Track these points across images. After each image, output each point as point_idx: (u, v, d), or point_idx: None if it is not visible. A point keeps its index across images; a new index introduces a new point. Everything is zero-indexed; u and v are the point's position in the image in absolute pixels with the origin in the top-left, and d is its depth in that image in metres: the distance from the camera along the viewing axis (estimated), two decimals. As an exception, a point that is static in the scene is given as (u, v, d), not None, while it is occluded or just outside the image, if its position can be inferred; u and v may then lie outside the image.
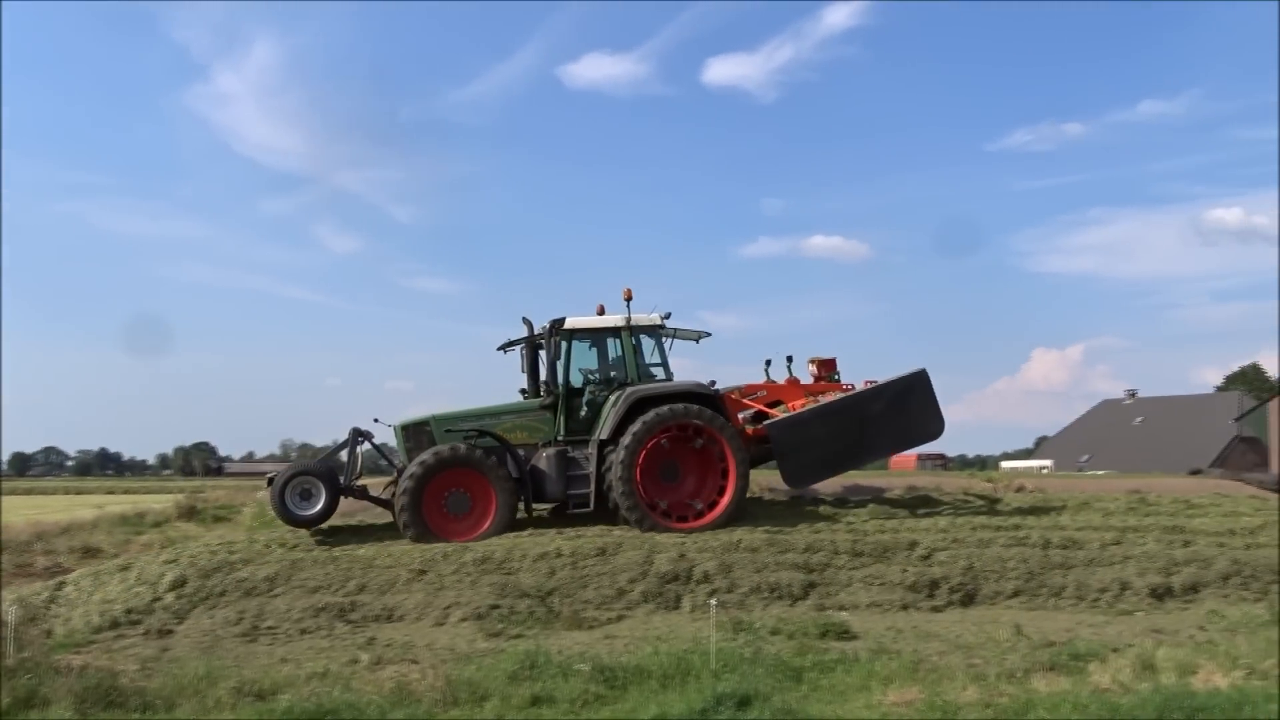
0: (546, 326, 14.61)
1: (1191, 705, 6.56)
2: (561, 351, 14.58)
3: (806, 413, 15.01)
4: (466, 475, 13.74)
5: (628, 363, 14.72)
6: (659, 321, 14.95)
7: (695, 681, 7.51)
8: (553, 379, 14.56)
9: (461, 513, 13.70)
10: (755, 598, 11.08)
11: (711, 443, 14.24)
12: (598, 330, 14.90)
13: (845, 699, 7.25)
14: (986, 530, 13.57)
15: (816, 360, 16.41)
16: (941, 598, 11.27)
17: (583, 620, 10.29)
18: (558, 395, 14.48)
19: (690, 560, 11.58)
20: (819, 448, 14.77)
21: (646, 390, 14.28)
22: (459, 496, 13.71)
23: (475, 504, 13.76)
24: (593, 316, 14.85)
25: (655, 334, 15.02)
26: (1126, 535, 13.34)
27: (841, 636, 9.44)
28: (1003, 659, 8.11)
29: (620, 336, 14.78)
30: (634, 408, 14.01)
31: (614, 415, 14.03)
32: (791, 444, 14.67)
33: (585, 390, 14.78)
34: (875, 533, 13.21)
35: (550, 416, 14.55)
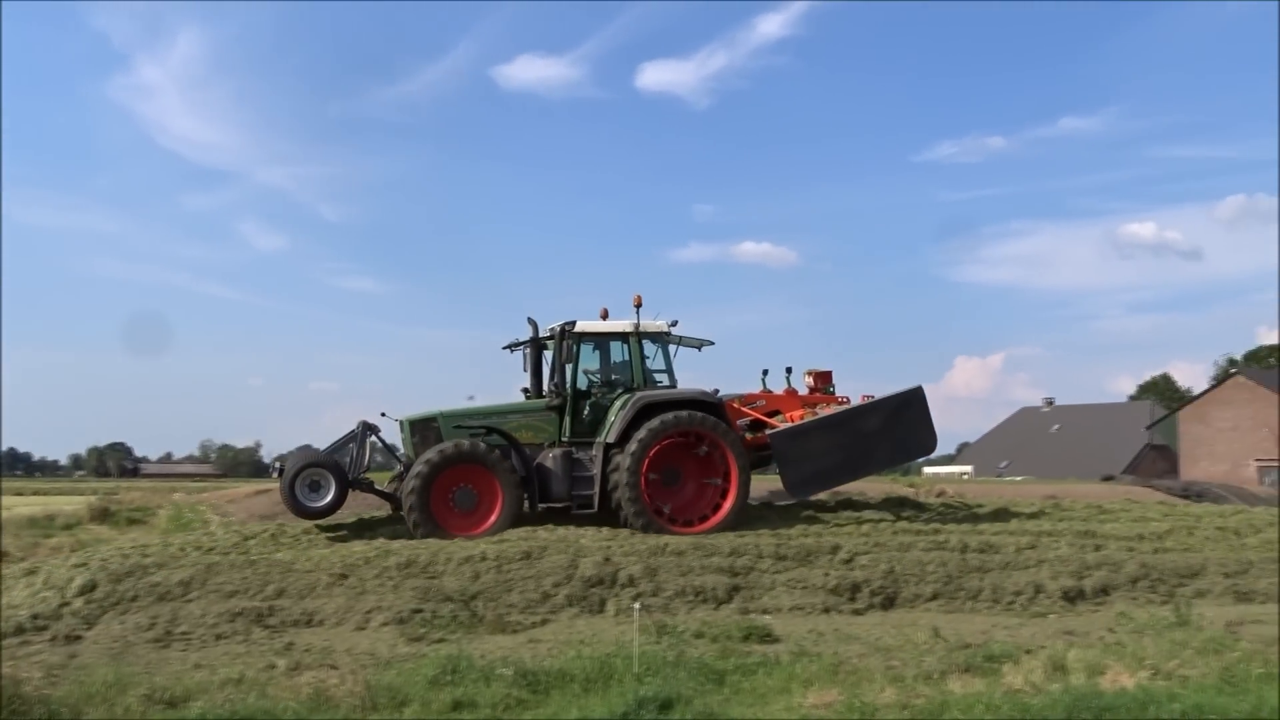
0: (556, 329, 14.78)
1: (1099, 705, 6.74)
2: (571, 354, 14.77)
3: (808, 424, 15.45)
4: (474, 471, 13.94)
5: (634, 368, 15.08)
6: (666, 328, 15.33)
7: (618, 685, 7.50)
8: (561, 381, 14.78)
9: (468, 508, 13.92)
10: (680, 601, 11.13)
11: (715, 449, 14.66)
12: (607, 334, 15.20)
13: (766, 701, 7.30)
14: (907, 534, 13.85)
15: (813, 372, 16.97)
16: (863, 601, 11.45)
17: (506, 624, 10.22)
18: (566, 397, 14.70)
19: (616, 564, 11.58)
20: (819, 459, 15.17)
21: (654, 396, 14.65)
22: (466, 492, 13.93)
23: (481, 500, 13.97)
24: (604, 320, 15.12)
25: (661, 340, 15.42)
26: (1041, 540, 13.70)
27: (764, 639, 9.51)
28: (920, 661, 8.24)
29: (628, 341, 15.12)
30: (641, 412, 14.31)
31: (621, 419, 14.30)
32: (793, 454, 15.09)
33: (591, 393, 15.03)
34: (799, 536, 13.38)
35: (555, 417, 14.77)
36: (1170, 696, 6.99)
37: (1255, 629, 9.83)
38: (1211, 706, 6.80)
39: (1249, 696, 7.12)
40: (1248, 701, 6.98)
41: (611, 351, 15.41)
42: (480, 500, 14.00)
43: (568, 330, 14.68)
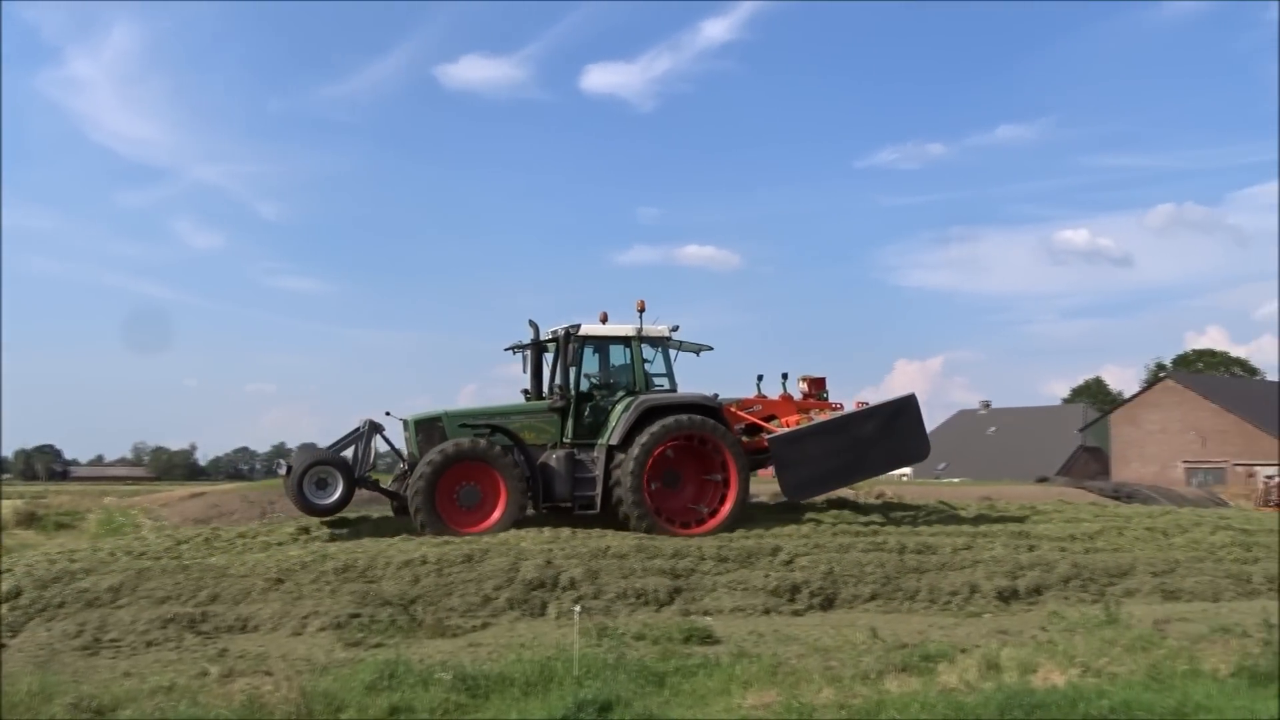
0: (560, 331, 15.05)
1: (1030, 702, 6.87)
2: (576, 357, 15.08)
3: (806, 429, 15.89)
4: (479, 469, 14.17)
5: (636, 371, 15.36)
6: (667, 333, 15.62)
7: (558, 688, 7.48)
8: (565, 383, 14.98)
9: (472, 505, 14.17)
10: (621, 603, 11.12)
11: (715, 452, 15.03)
12: (610, 338, 15.50)
13: (706, 703, 7.33)
14: (847, 535, 14.01)
15: (807, 378, 17.43)
16: (802, 602, 11.54)
17: (446, 628, 10.13)
18: (570, 399, 14.91)
19: (557, 567, 11.54)
20: (816, 463, 15.64)
21: (657, 400, 15.00)
22: (470, 490, 14.16)
23: (485, 498, 14.22)
24: (608, 325, 15.40)
25: (663, 345, 15.70)
26: (977, 540, 13.95)
27: (705, 641, 9.53)
28: (858, 661, 8.32)
29: (630, 345, 15.42)
30: (644, 416, 14.59)
31: (624, 422, 14.59)
32: (791, 458, 15.50)
33: (593, 395, 15.29)
34: (740, 538, 13.46)
35: (557, 419, 15.04)
36: (1099, 693, 7.14)
37: (1181, 627, 10.08)
38: (1138, 703, 6.96)
39: (1174, 693, 7.30)
40: (1173, 698, 7.15)
41: (613, 355, 15.70)
42: (484, 498, 14.22)
43: (572, 333, 14.94)
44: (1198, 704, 7.01)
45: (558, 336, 15.25)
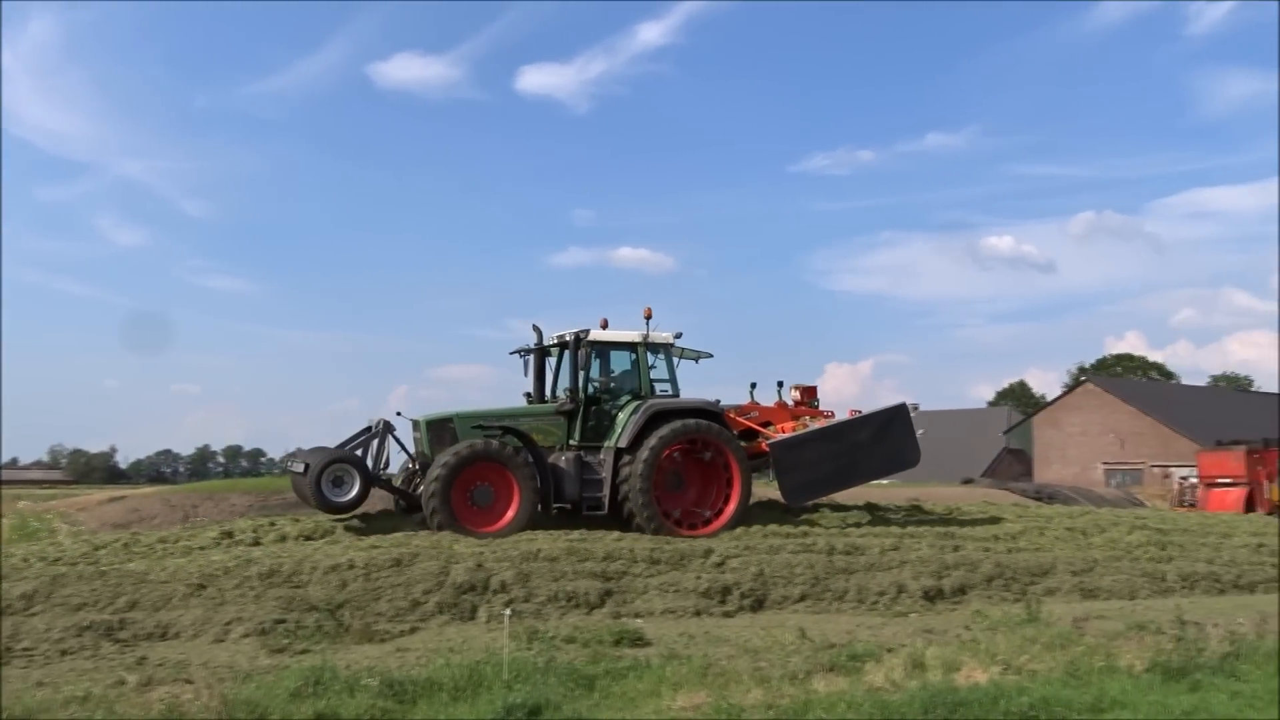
0: (571, 337, 15.45)
1: (954, 700, 7.00)
2: (587, 361, 15.42)
3: (804, 435, 16.43)
4: (493, 470, 14.38)
5: (642, 376, 15.80)
6: (671, 340, 16.10)
7: (487, 693, 7.41)
8: (575, 387, 15.32)
9: (485, 505, 14.37)
10: (552, 606, 11.08)
11: (719, 456, 15.53)
12: (618, 344, 15.90)
13: (636, 705, 7.32)
14: (777, 537, 14.15)
15: (799, 386, 17.96)
16: (733, 603, 11.62)
17: (374, 633, 9.99)
18: (580, 402, 15.24)
19: (488, 570, 11.46)
20: (814, 468, 16.14)
21: (664, 404, 15.43)
22: (484, 490, 14.37)
23: (498, 498, 14.43)
24: (616, 331, 15.82)
25: (666, 351, 16.12)
26: (904, 541, 14.17)
27: (635, 643, 9.53)
28: (787, 661, 8.39)
29: (636, 351, 15.86)
30: (651, 419, 15.00)
31: (633, 425, 14.99)
32: (791, 463, 15.95)
33: (600, 399, 15.61)
34: (675, 541, 13.51)
35: (563, 421, 15.37)
36: (1019, 690, 7.30)
37: (1099, 624, 10.34)
38: (1057, 699, 7.13)
39: (1091, 689, 7.51)
40: (1090, 694, 7.35)
41: (620, 360, 16.11)
42: (497, 498, 14.45)
43: (582, 338, 15.30)
44: (1113, 699, 7.22)
45: (565, 341, 15.68)
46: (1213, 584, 13.95)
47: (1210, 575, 14.14)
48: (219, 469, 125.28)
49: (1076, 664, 8.20)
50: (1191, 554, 15.17)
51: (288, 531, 13.85)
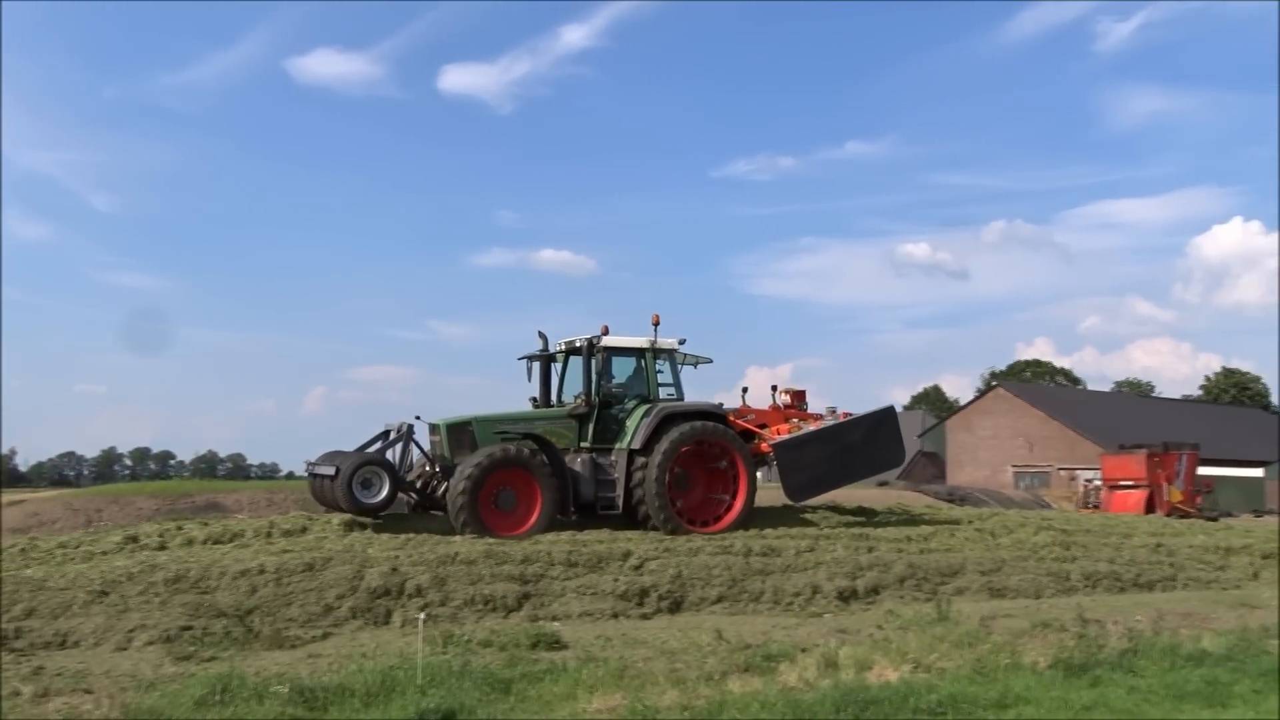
0: (583, 343, 15.94)
1: (865, 699, 7.12)
2: (602, 366, 15.97)
3: (804, 436, 17.21)
4: (517, 474, 14.72)
5: (650, 381, 16.37)
6: (676, 346, 16.70)
7: (400, 698, 7.31)
8: (589, 390, 15.74)
9: (508, 509, 14.68)
10: (469, 610, 10.98)
11: (725, 456, 16.19)
12: (628, 349, 16.42)
13: (551, 708, 7.29)
14: (696, 539, 14.21)
15: (789, 390, 18.68)
16: (651, 605, 11.65)
17: (285, 639, 9.77)
18: (594, 406, 15.66)
19: (403, 574, 11.30)
20: (813, 468, 16.93)
21: (674, 407, 15.96)
22: (507, 494, 14.69)
23: (521, 501, 14.76)
24: (624, 337, 16.34)
25: (670, 356, 16.72)
26: (820, 542, 14.36)
27: (552, 646, 9.49)
28: (703, 662, 8.45)
29: (644, 357, 16.43)
30: (663, 422, 15.49)
31: (645, 427, 15.47)
32: (793, 463, 16.66)
33: (611, 402, 16.05)
34: (593, 543, 13.48)
35: (574, 424, 15.78)
36: (929, 688, 7.46)
37: (1006, 622, 10.63)
38: (964, 696, 7.31)
39: (997, 685, 7.71)
40: (996, 690, 7.54)
41: (626, 365, 16.59)
42: (519, 502, 14.79)
43: (596, 344, 15.82)
44: (1018, 695, 7.41)
45: (575, 348, 16.24)
46: (1114, 583, 14.41)
47: (1111, 574, 14.61)
48: (125, 472, 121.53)
49: (983, 661, 8.41)
50: (1094, 554, 15.65)
51: (195, 536, 13.51)
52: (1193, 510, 33.47)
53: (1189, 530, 20.29)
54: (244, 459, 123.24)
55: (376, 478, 14.32)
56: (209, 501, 20.31)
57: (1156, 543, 17.16)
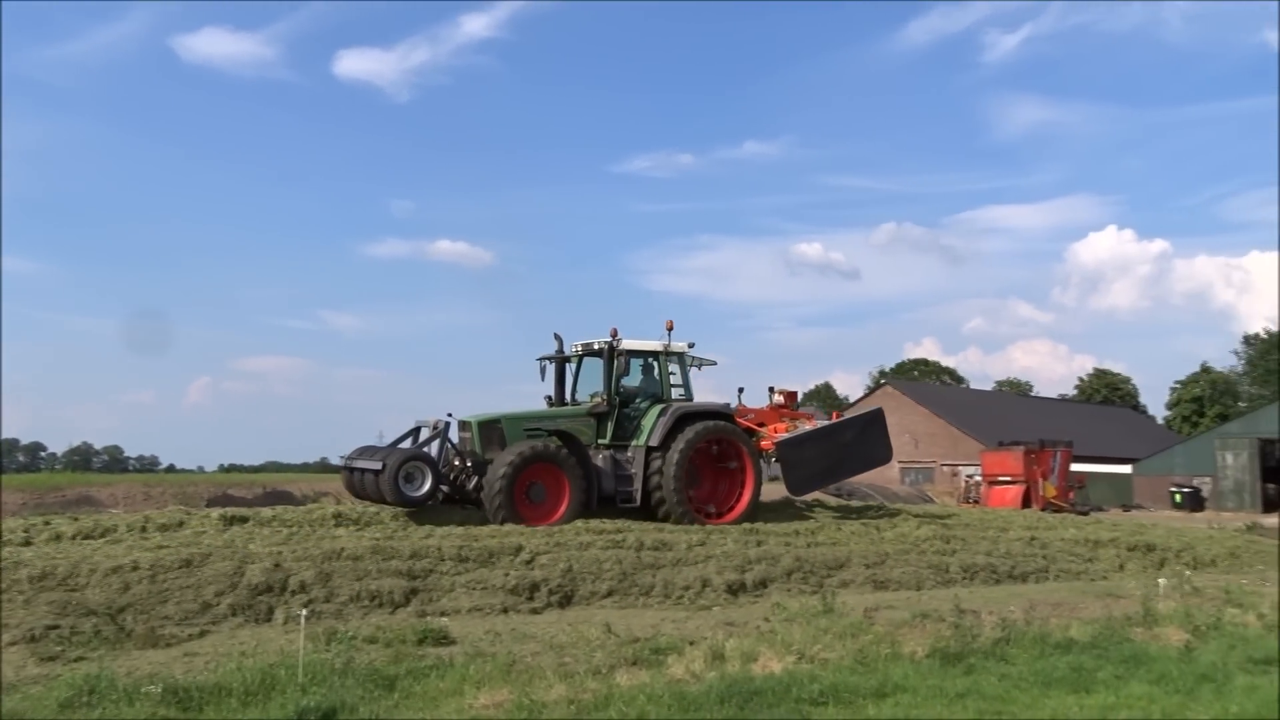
0: (603, 346, 16.75)
1: (749, 690, 7.23)
2: (624, 368, 16.79)
3: (804, 434, 18.43)
4: (546, 469, 15.47)
5: (663, 382, 17.35)
6: (687, 349, 17.68)
7: (280, 696, 7.12)
8: (610, 390, 16.56)
9: (539, 501, 15.42)
10: (354, 606, 10.79)
11: (734, 453, 17.24)
12: (644, 352, 17.32)
13: (437, 704, 7.21)
14: (589, 534, 14.20)
15: (783, 391, 19.83)
16: (541, 600, 11.62)
17: (159, 638, 9.43)
18: (614, 404, 16.52)
19: (286, 570, 11.02)
20: (812, 464, 18.12)
21: (688, 407, 16.91)
22: (538, 487, 15.44)
23: (550, 494, 15.52)
24: (642, 341, 17.24)
25: (681, 359, 17.65)
26: (711, 537, 14.52)
27: (440, 642, 9.38)
28: (591, 656, 8.46)
29: (658, 359, 17.40)
30: (678, 421, 16.38)
31: (662, 426, 16.39)
32: (794, 459, 17.76)
33: (629, 401, 16.93)
34: (484, 538, 13.36)
35: (593, 422, 16.61)
36: (811, 678, 7.62)
37: (888, 614, 10.91)
38: (845, 685, 7.49)
39: (877, 674, 7.92)
40: (876, 679, 7.75)
41: (644, 366, 17.49)
42: (549, 494, 15.53)
43: (617, 347, 16.66)
44: (896, 684, 7.64)
45: (596, 350, 17.05)
46: (990, 575, 14.97)
47: (988, 567, 15.17)
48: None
49: (865, 652, 8.64)
50: (973, 547, 16.21)
51: (64, 531, 12.91)
52: (1065, 505, 34.91)
53: (1061, 524, 21.16)
54: (121, 451, 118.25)
55: (419, 472, 14.85)
56: (81, 495, 19.50)
57: (1031, 536, 17.86)
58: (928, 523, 18.08)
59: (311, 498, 23.96)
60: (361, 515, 14.73)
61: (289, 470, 50.24)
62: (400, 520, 14.53)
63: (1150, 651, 9.03)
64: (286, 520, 14.10)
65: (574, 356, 17.72)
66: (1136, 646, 9.27)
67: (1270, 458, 54.96)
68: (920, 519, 18.55)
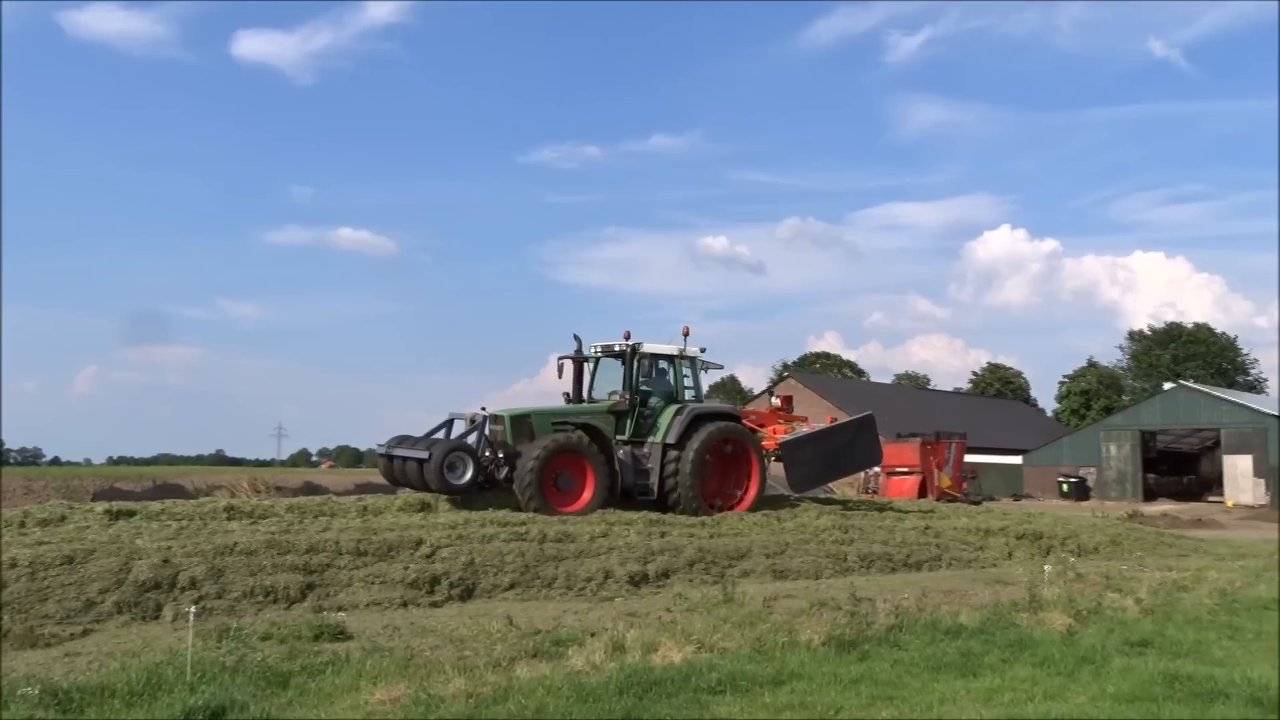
0: (626, 349, 17.93)
1: (649, 680, 7.27)
2: (645, 370, 18.16)
3: (805, 436, 19.90)
4: (573, 460, 16.51)
5: (678, 383, 18.66)
6: (699, 353, 18.91)
7: (167, 696, 6.90)
8: (632, 390, 17.77)
9: (566, 490, 16.45)
10: (248, 602, 10.51)
11: (742, 450, 18.56)
12: (661, 355, 18.61)
13: (332, 701, 7.07)
14: (492, 526, 14.08)
15: (781, 396, 22.65)
16: (441, 593, 11.50)
17: (39, 638, 9.04)
18: (636, 403, 17.73)
19: (176, 566, 10.68)
20: (812, 464, 19.57)
21: (702, 408, 18.26)
22: (565, 477, 16.47)
23: (575, 483, 16.56)
24: (660, 344, 18.50)
25: (692, 362, 18.87)
26: (614, 528, 14.53)
27: (336, 638, 9.20)
28: (491, 649, 8.41)
29: (674, 363, 18.72)
30: (693, 421, 17.57)
31: (678, 424, 17.52)
32: (797, 458, 19.15)
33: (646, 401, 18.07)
34: (384, 531, 13.14)
35: (612, 419, 17.65)
36: (710, 667, 7.71)
37: (786, 603, 11.11)
38: (742, 674, 7.60)
39: (774, 662, 8.06)
40: (773, 667, 7.89)
41: (659, 369, 18.70)
42: (574, 484, 16.54)
43: (638, 350, 17.95)
44: (792, 672, 7.78)
45: (616, 352, 18.18)
46: (886, 563, 15.35)
47: (884, 555, 15.55)
48: None
49: (763, 640, 8.77)
50: (870, 536, 16.58)
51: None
52: (959, 495, 36.02)
53: (954, 513, 21.82)
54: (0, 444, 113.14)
55: (461, 462, 15.76)
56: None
57: (926, 525, 18.35)
58: (828, 513, 18.43)
59: (204, 491, 23.23)
60: (255, 509, 14.35)
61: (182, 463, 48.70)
62: (295, 513, 14.20)
63: (1035, 636, 9.37)
64: (176, 514, 13.66)
65: (592, 357, 18.83)
66: (1022, 631, 9.61)
67: (1151, 449, 57.58)
68: (820, 509, 18.89)
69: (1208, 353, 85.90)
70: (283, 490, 23.39)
